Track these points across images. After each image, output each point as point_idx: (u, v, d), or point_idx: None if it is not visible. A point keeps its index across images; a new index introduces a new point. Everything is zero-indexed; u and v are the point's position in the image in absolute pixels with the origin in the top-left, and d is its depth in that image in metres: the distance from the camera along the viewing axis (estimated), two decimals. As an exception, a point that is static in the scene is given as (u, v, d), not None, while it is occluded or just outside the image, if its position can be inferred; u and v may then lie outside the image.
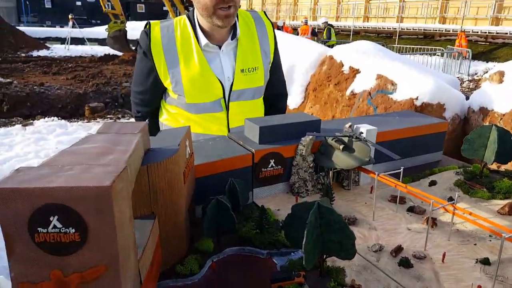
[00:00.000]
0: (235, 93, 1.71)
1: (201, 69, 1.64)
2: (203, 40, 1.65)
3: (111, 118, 8.69)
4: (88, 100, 9.79)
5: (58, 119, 8.42)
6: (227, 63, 1.70)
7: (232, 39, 1.70)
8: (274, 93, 1.94)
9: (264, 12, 1.88)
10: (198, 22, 1.67)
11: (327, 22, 16.90)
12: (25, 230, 0.56)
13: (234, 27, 1.71)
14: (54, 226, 0.57)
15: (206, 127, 1.74)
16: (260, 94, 1.84)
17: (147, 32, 1.67)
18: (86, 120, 8.56)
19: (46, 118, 8.32)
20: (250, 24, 1.77)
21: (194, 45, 1.65)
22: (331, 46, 7.97)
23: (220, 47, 1.69)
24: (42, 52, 19.20)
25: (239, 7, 1.65)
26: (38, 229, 0.56)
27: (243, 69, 1.70)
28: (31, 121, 8.10)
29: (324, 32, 16.53)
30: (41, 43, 21.19)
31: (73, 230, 0.57)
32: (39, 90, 9.99)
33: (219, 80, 1.67)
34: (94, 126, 8.02)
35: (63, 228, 0.57)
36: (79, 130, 7.69)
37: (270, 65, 1.84)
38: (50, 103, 9.46)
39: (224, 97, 1.70)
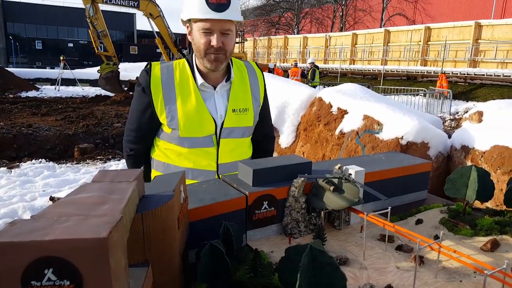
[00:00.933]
0: (226, 130, 1.84)
1: (197, 105, 1.78)
2: (200, 79, 1.81)
3: (101, 159, 8.65)
4: (78, 141, 9.78)
5: (46, 161, 8.34)
6: (221, 103, 1.84)
7: (226, 82, 1.86)
8: (263, 135, 2.09)
9: (256, 63, 2.07)
10: (196, 65, 1.83)
11: (313, 63, 17.46)
12: (18, 284, 0.55)
13: (228, 71, 1.88)
14: (49, 279, 0.56)
15: (196, 161, 1.83)
16: (249, 134, 1.97)
17: (147, 70, 1.81)
18: (75, 162, 8.49)
19: (34, 160, 8.23)
20: (243, 71, 1.95)
21: (192, 84, 1.80)
22: (314, 87, 8.22)
23: (215, 88, 1.84)
24: (31, 93, 19.23)
25: (231, 54, 1.80)
26: (32, 282, 0.55)
27: (234, 109, 1.85)
28: (18, 163, 7.99)
29: (309, 72, 17.03)
30: (31, 84, 21.22)
31: (68, 283, 0.56)
32: (27, 131, 9.97)
33: (212, 117, 1.80)
34: (84, 168, 7.97)
35: (58, 281, 0.56)
36: (67, 172, 7.61)
37: (260, 109, 1.99)
38: (38, 144, 9.42)
39: (216, 133, 1.83)
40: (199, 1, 1.65)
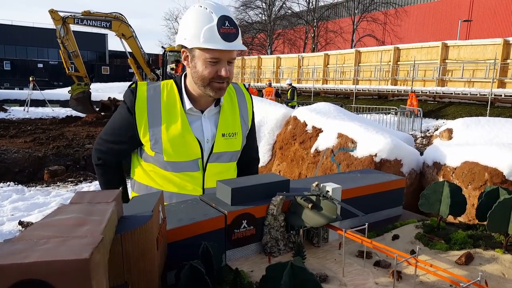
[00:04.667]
0: (214, 155, 1.80)
1: (182, 130, 1.72)
2: (188, 104, 1.75)
3: (72, 182, 8.41)
4: (48, 163, 9.49)
5: (15, 184, 8.05)
6: (208, 127, 1.79)
7: (215, 106, 1.82)
8: (248, 158, 2.07)
9: (244, 85, 2.06)
10: (185, 87, 1.78)
11: (291, 84, 18.10)
12: (-5, 309, 0.54)
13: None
14: (28, 303, 0.54)
15: (182, 186, 1.78)
16: (236, 157, 1.94)
17: (133, 90, 1.75)
18: (45, 185, 8.23)
19: (1, 184, 7.93)
20: (232, 93, 1.92)
21: (179, 107, 1.74)
22: (293, 106, 8.42)
23: (202, 112, 1.80)
24: (-1, 115, 18.70)
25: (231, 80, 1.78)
26: (11, 306, 0.54)
27: (224, 134, 1.81)
28: (-16, 187, 7.68)
29: (288, 92, 17.64)
30: (-2, 105, 20.66)
31: (49, 306, 0.55)
32: (-5, 154, 9.62)
33: (198, 141, 1.76)
34: (54, 191, 7.72)
35: (39, 304, 0.54)
36: (37, 195, 7.36)
37: (248, 132, 1.97)
38: (6, 167, 9.08)
39: (202, 157, 1.78)
40: (208, 29, 1.58)
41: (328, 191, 1.36)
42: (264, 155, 6.33)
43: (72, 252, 0.57)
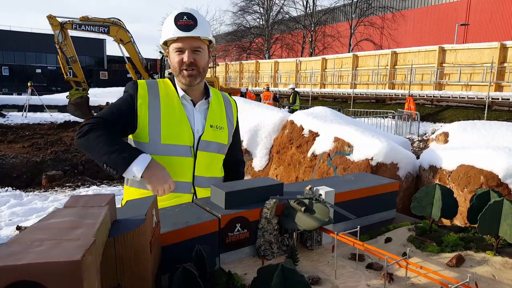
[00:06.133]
0: (203, 143, 1.94)
1: (179, 115, 1.91)
2: (181, 92, 1.95)
3: (70, 187, 8.41)
4: (46, 168, 9.49)
5: (13, 189, 8.05)
6: (198, 119, 1.97)
7: (205, 99, 2.02)
8: (234, 158, 2.21)
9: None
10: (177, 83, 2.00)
11: (293, 88, 18.36)
12: (-11, 309, 0.55)
13: (207, 92, 2.05)
14: (22, 303, 0.55)
15: (174, 172, 1.79)
16: (224, 151, 2.08)
17: (135, 82, 1.95)
18: (43, 190, 8.22)
19: (-1, 189, 7.95)
20: (220, 97, 2.15)
21: (175, 97, 1.95)
22: (295, 111, 8.51)
23: (194, 105, 1.98)
24: (-3, 120, 18.66)
25: (204, 70, 1.95)
26: (4, 307, 0.55)
27: (212, 125, 1.99)
28: (-18, 192, 7.68)
29: (291, 97, 17.83)
30: (-4, 110, 20.62)
31: (42, 306, 0.56)
32: (-7, 159, 9.61)
33: (192, 129, 1.92)
34: (52, 196, 7.71)
35: (31, 305, 0.55)
36: (35, 200, 7.35)
37: (233, 132, 2.13)
38: (4, 172, 9.07)
39: (193, 146, 1.92)
40: (170, 25, 1.86)
41: (321, 195, 1.38)
42: (261, 159, 6.34)
43: (65, 254, 0.58)
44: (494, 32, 29.53)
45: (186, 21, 1.85)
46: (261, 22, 43.12)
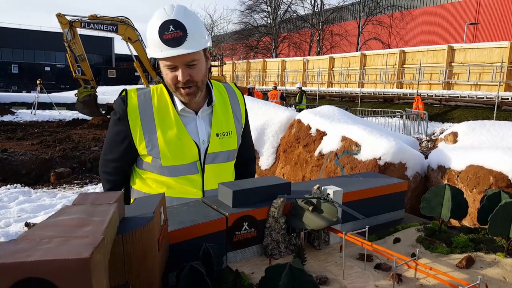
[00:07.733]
0: (210, 156, 1.78)
1: (178, 132, 1.71)
2: (180, 105, 1.74)
3: (78, 184, 8.47)
4: (54, 165, 9.56)
5: (22, 186, 8.12)
6: (202, 128, 1.78)
7: (208, 106, 1.81)
8: (245, 157, 2.05)
9: (234, 83, 2.05)
10: None
11: (300, 88, 18.35)
12: (-4, 307, 0.55)
13: (210, 95, 1.83)
14: (29, 301, 0.56)
15: (181, 190, 1.76)
16: (233, 157, 1.93)
17: (123, 98, 1.73)
18: (51, 187, 8.29)
19: (8, 185, 8.01)
20: (223, 93, 1.92)
21: (171, 110, 1.73)
22: (302, 110, 8.51)
23: (196, 113, 1.79)
24: (7, 117, 18.81)
25: (203, 83, 1.73)
26: (12, 304, 0.55)
27: (218, 133, 1.80)
28: (-9, 189, 7.76)
29: (297, 96, 17.82)
30: (6, 108, 20.78)
31: (50, 304, 0.56)
32: (2, 156, 9.68)
33: (195, 143, 1.74)
34: (60, 193, 7.78)
35: (38, 303, 0.56)
36: (43, 197, 7.41)
37: (242, 130, 1.96)
38: (13, 169, 9.16)
39: (199, 159, 1.77)
40: (154, 39, 1.57)
41: (329, 194, 1.37)
42: (268, 158, 6.34)
43: (73, 252, 0.58)
44: (504, 31, 29.22)
45: (173, 33, 1.54)
46: (268, 21, 43.08)
